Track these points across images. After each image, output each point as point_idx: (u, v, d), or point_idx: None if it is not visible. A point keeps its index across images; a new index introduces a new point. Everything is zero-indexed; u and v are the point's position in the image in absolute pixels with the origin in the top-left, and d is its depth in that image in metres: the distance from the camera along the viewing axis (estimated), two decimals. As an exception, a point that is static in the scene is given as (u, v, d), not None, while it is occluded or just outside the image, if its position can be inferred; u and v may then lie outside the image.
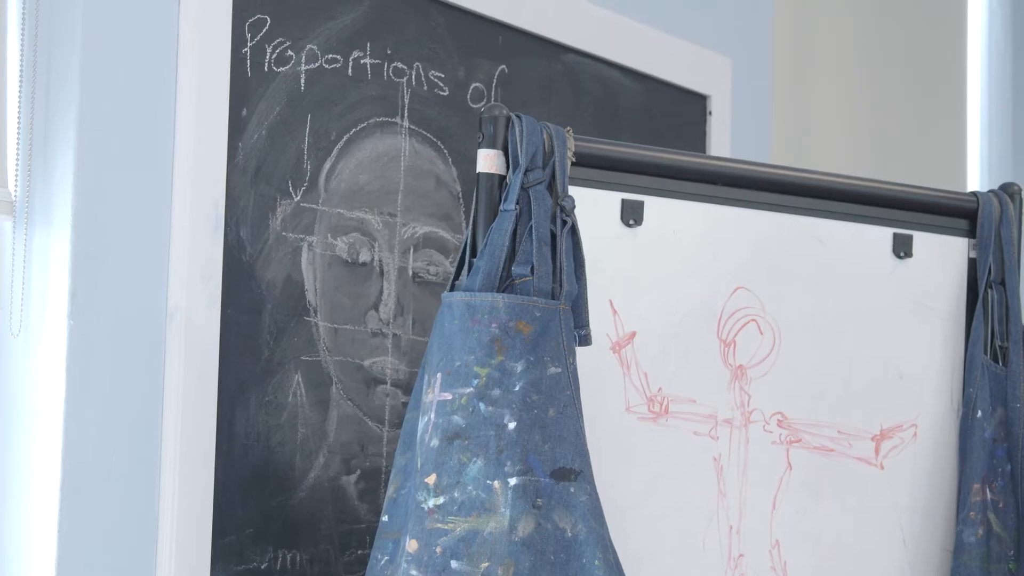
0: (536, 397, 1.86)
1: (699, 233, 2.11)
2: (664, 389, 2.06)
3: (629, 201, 2.06)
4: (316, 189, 2.21)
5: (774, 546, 2.11)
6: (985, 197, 2.29)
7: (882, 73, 3.83)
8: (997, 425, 2.22)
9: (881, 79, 3.83)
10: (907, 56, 3.94)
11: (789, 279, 2.16)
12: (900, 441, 2.21)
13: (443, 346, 1.88)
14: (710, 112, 2.90)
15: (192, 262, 2.05)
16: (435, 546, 1.83)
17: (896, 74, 3.88)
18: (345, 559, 2.20)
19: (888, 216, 2.23)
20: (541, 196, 1.92)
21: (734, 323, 2.12)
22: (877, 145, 3.80)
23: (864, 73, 3.77)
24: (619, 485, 1.99)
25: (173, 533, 2.01)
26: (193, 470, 2.04)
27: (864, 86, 3.77)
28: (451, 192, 2.38)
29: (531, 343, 1.87)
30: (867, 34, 3.81)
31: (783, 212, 2.17)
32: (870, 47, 3.80)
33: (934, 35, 4.09)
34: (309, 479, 2.18)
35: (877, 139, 3.80)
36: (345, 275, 2.24)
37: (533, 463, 1.85)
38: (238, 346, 2.10)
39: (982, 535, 2.19)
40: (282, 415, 2.15)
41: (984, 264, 2.26)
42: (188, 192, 2.05)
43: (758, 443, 2.11)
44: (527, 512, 1.84)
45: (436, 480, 1.84)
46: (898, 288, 2.23)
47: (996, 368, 2.24)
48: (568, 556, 1.84)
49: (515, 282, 1.90)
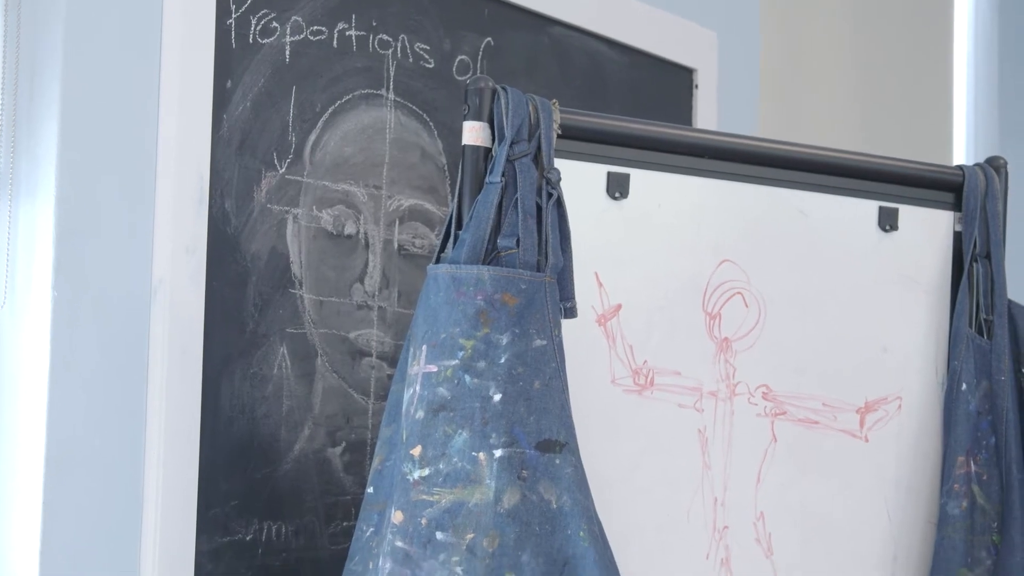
0: (521, 369, 1.86)
1: (685, 206, 2.11)
2: (649, 362, 2.06)
3: (615, 174, 2.06)
4: (301, 161, 2.20)
5: (758, 518, 2.12)
6: (971, 170, 2.29)
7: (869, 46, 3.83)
8: (981, 398, 2.23)
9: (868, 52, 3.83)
10: (894, 29, 3.94)
11: (775, 252, 2.16)
12: (885, 414, 2.22)
13: (428, 318, 1.88)
14: (696, 85, 2.90)
15: (177, 234, 2.04)
16: (420, 517, 1.83)
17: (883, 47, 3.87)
18: (330, 531, 2.21)
19: (874, 189, 2.24)
20: (527, 168, 1.92)
21: (719, 296, 2.12)
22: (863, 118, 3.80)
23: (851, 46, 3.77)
24: (604, 457, 1.99)
25: (158, 505, 2.01)
26: (178, 442, 2.04)
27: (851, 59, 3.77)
28: (437, 165, 2.38)
29: (516, 315, 1.87)
30: (854, 7, 3.80)
31: (769, 185, 2.17)
32: (857, 21, 3.80)
33: (921, 9, 4.09)
34: (294, 451, 2.18)
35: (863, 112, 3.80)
36: (330, 247, 2.24)
37: (518, 435, 1.85)
38: (223, 318, 2.10)
39: (966, 507, 2.20)
40: (267, 387, 2.15)
41: (969, 237, 2.26)
42: (172, 164, 2.05)
43: (743, 415, 2.12)
44: (512, 484, 1.84)
45: (421, 452, 1.84)
46: (883, 261, 2.23)
47: (981, 341, 2.24)
48: (553, 527, 1.85)
49: (500, 254, 1.89)
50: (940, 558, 2.18)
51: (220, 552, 2.09)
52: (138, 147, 2.03)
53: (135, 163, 2.03)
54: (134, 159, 2.03)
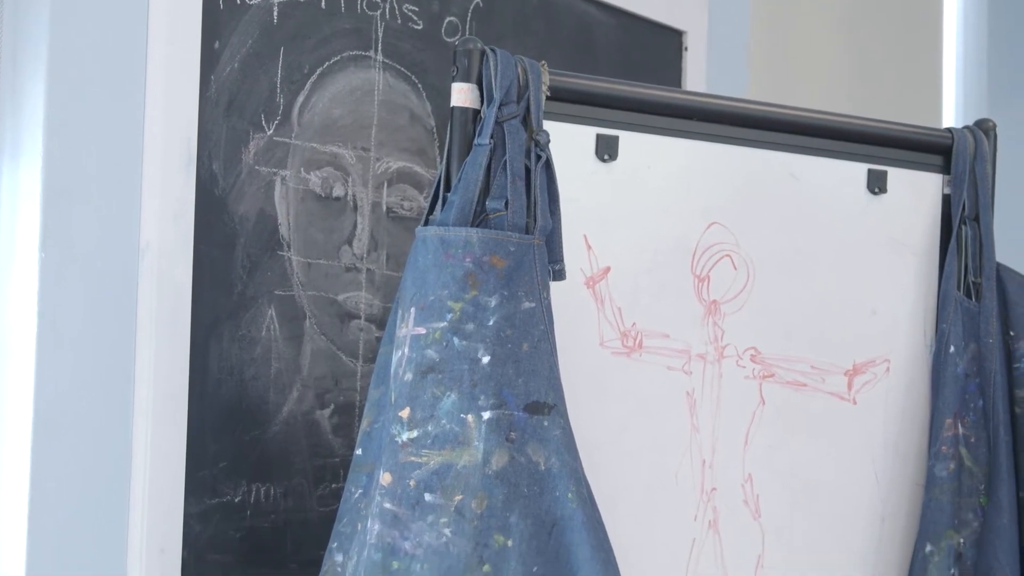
0: (510, 332, 1.86)
1: (674, 168, 2.10)
2: (638, 324, 2.06)
3: (604, 136, 2.06)
4: (289, 123, 2.20)
5: (746, 480, 2.12)
6: (960, 133, 2.29)
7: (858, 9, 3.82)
8: (969, 360, 2.23)
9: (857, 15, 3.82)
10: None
11: (763, 215, 2.16)
12: (873, 376, 2.22)
13: (417, 281, 1.88)
14: (686, 48, 2.89)
15: (164, 196, 2.04)
16: (409, 479, 1.83)
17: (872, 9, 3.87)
18: (319, 492, 2.21)
19: (863, 152, 2.23)
20: (515, 130, 1.92)
21: (708, 258, 2.12)
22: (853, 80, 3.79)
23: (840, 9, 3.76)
24: (592, 419, 2.00)
25: (147, 467, 2.01)
26: (166, 405, 2.04)
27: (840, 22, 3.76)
28: (425, 127, 2.37)
29: (505, 278, 1.87)
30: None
31: (758, 147, 2.16)
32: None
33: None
34: (283, 413, 2.18)
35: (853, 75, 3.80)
36: (318, 210, 2.23)
37: (507, 397, 1.85)
38: (211, 281, 2.10)
39: (953, 469, 2.20)
40: (255, 350, 2.15)
41: (958, 200, 2.26)
42: (160, 125, 2.04)
43: (731, 378, 2.12)
44: (500, 445, 1.84)
45: (410, 414, 1.85)
46: (872, 224, 2.23)
47: (969, 304, 2.24)
48: (541, 489, 1.85)
49: (489, 217, 1.89)
50: (927, 520, 2.19)
51: (209, 514, 2.09)
52: (125, 109, 2.02)
53: (122, 125, 2.02)
54: (121, 121, 2.02)
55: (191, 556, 2.07)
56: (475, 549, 1.82)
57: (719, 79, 2.98)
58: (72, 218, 1.96)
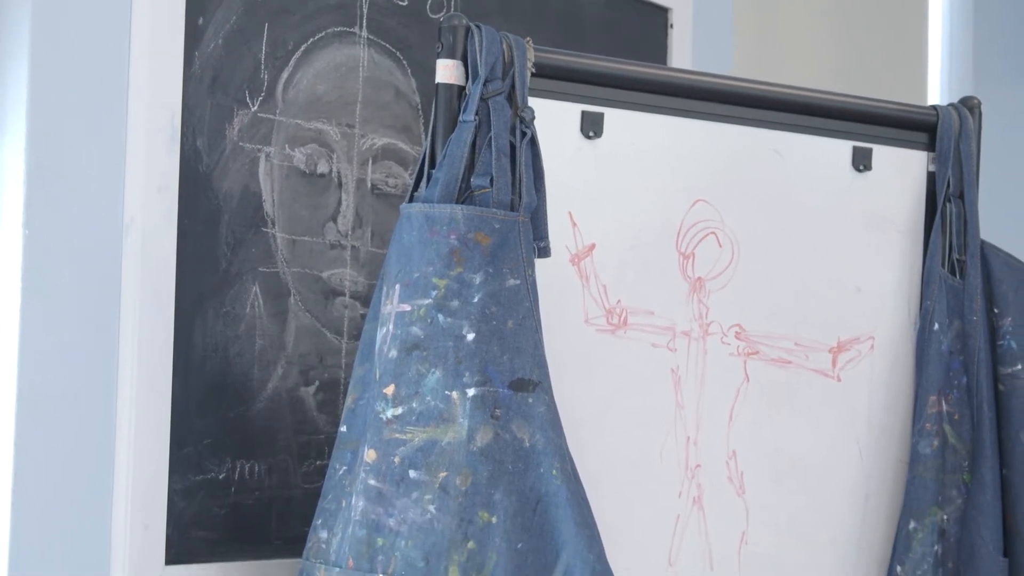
0: (495, 308, 1.86)
1: (659, 145, 2.10)
2: (623, 301, 2.07)
3: (589, 113, 2.06)
4: (273, 99, 2.19)
5: (731, 456, 2.13)
6: (945, 111, 2.29)
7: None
8: (954, 338, 2.24)
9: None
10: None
11: (748, 192, 2.16)
12: (857, 354, 2.22)
13: (401, 257, 1.88)
14: (671, 25, 2.89)
15: (148, 172, 2.03)
16: (393, 456, 1.83)
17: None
18: (303, 469, 2.21)
19: (848, 129, 2.24)
20: (500, 107, 1.92)
21: (693, 236, 2.12)
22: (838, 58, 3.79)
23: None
24: (577, 396, 2.00)
25: (131, 443, 2.01)
26: (150, 381, 2.03)
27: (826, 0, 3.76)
28: (410, 103, 2.37)
29: (490, 255, 1.87)
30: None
31: (743, 125, 2.16)
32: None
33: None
34: (267, 390, 2.18)
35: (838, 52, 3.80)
36: (303, 186, 2.23)
37: (491, 374, 1.85)
38: (195, 257, 2.09)
39: (937, 446, 2.21)
40: (240, 326, 2.15)
41: (943, 178, 2.26)
42: (144, 102, 2.03)
43: (716, 355, 2.12)
44: (485, 422, 1.84)
45: (394, 391, 1.85)
46: (857, 201, 2.23)
47: (953, 281, 2.25)
48: (526, 466, 1.85)
49: (474, 193, 1.89)
50: (911, 497, 2.20)
51: (193, 490, 2.09)
52: (109, 85, 2.02)
53: (106, 101, 2.01)
54: (105, 97, 2.01)
55: (175, 533, 2.07)
56: (459, 526, 1.82)
57: (704, 57, 2.97)
58: (56, 195, 1.96)
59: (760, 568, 2.14)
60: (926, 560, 2.20)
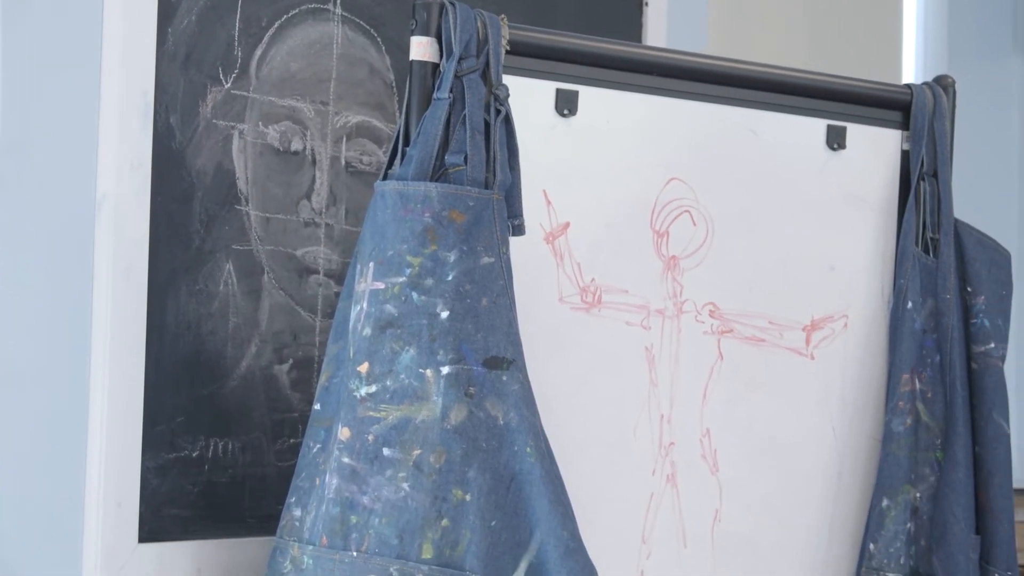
0: (469, 287, 1.86)
1: (634, 123, 2.10)
2: (597, 279, 2.06)
3: (563, 91, 2.05)
4: (247, 76, 2.18)
5: (704, 435, 2.13)
6: (919, 89, 2.29)
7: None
8: (927, 316, 2.24)
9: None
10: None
11: (723, 170, 2.16)
12: (831, 332, 2.23)
13: (376, 235, 1.88)
14: (646, 3, 2.88)
15: (121, 149, 2.03)
16: (367, 434, 1.83)
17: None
18: (277, 447, 2.21)
19: (822, 108, 2.24)
20: (475, 85, 1.91)
21: (667, 214, 2.12)
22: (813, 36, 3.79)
23: (801, -35, 3.76)
24: (551, 374, 2.00)
25: (103, 421, 2.00)
26: (123, 359, 2.03)
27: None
28: (384, 81, 2.36)
29: (464, 233, 1.87)
30: (804, -75, 3.78)
31: (718, 103, 2.16)
32: (807, -61, 3.78)
33: (871, -73, 4.08)
34: (241, 368, 2.17)
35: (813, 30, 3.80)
36: (277, 164, 2.22)
37: (465, 352, 1.85)
38: (168, 234, 2.09)
39: (910, 424, 2.22)
40: (213, 304, 2.14)
41: (917, 156, 2.27)
42: (116, 78, 2.02)
43: (690, 333, 2.12)
44: (459, 400, 1.84)
45: (368, 369, 1.84)
46: (831, 180, 2.23)
47: (927, 260, 2.25)
48: (500, 444, 1.85)
49: (448, 171, 1.89)
50: (884, 474, 2.21)
51: (166, 468, 2.08)
52: (82, 61, 2.01)
53: (79, 77, 2.01)
54: (78, 73, 2.01)
55: (148, 511, 2.06)
56: (433, 503, 1.82)
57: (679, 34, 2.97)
58: (29, 171, 1.95)
59: (733, 546, 2.15)
60: (899, 537, 2.21)
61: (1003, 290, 2.29)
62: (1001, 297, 2.28)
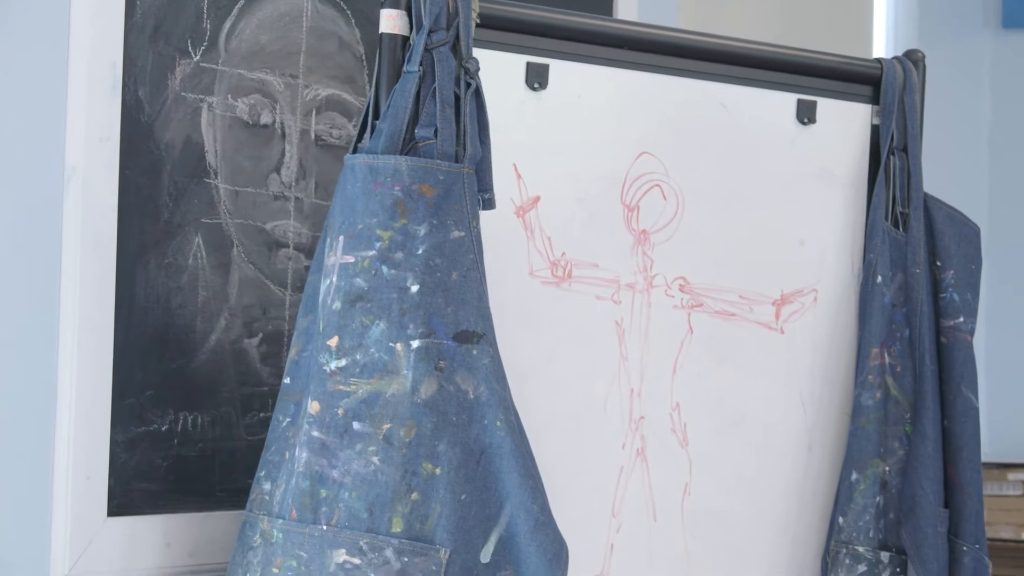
0: (439, 260, 1.86)
1: (604, 97, 2.10)
2: (568, 254, 2.06)
3: (534, 64, 2.05)
4: (216, 49, 2.17)
5: (674, 408, 2.13)
6: (889, 64, 2.29)
7: (790, -61, 3.81)
8: (896, 290, 2.25)
9: (789, -54, 3.82)
10: (815, -78, 3.92)
11: (693, 145, 2.16)
12: (801, 306, 2.23)
13: (345, 209, 1.87)
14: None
15: (89, 122, 2.02)
16: (337, 408, 1.83)
17: (804, -59, 3.86)
18: (247, 421, 2.20)
19: (792, 82, 2.24)
20: (445, 58, 1.90)
21: (638, 188, 2.12)
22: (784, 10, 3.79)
23: (772, -61, 3.76)
24: (522, 349, 2.00)
25: (72, 395, 2.00)
26: (92, 332, 2.02)
27: (772, -48, 3.76)
28: (354, 54, 2.35)
29: (434, 206, 1.86)
30: (775, -101, 3.79)
31: (688, 77, 2.16)
32: (778, -87, 3.79)
33: (842, -98, 4.08)
34: (210, 342, 2.17)
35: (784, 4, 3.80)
36: (246, 137, 2.21)
37: (436, 326, 1.85)
38: (137, 208, 2.08)
39: (880, 398, 2.22)
40: (182, 278, 2.13)
41: (887, 131, 2.27)
42: (85, 50, 2.01)
43: (660, 307, 2.12)
44: (429, 374, 1.84)
45: (338, 342, 1.84)
46: (801, 154, 2.24)
47: (896, 234, 2.26)
48: (470, 417, 1.85)
49: (418, 145, 1.88)
50: (853, 448, 2.21)
51: (135, 442, 2.08)
52: (50, 33, 2.00)
53: (47, 49, 1.99)
54: (46, 45, 1.99)
55: (117, 484, 2.06)
56: (403, 477, 1.82)
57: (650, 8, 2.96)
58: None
59: (703, 519, 2.15)
60: (868, 511, 2.22)
61: (972, 264, 2.30)
62: (970, 271, 2.29)
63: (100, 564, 2.04)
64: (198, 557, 2.14)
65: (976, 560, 2.25)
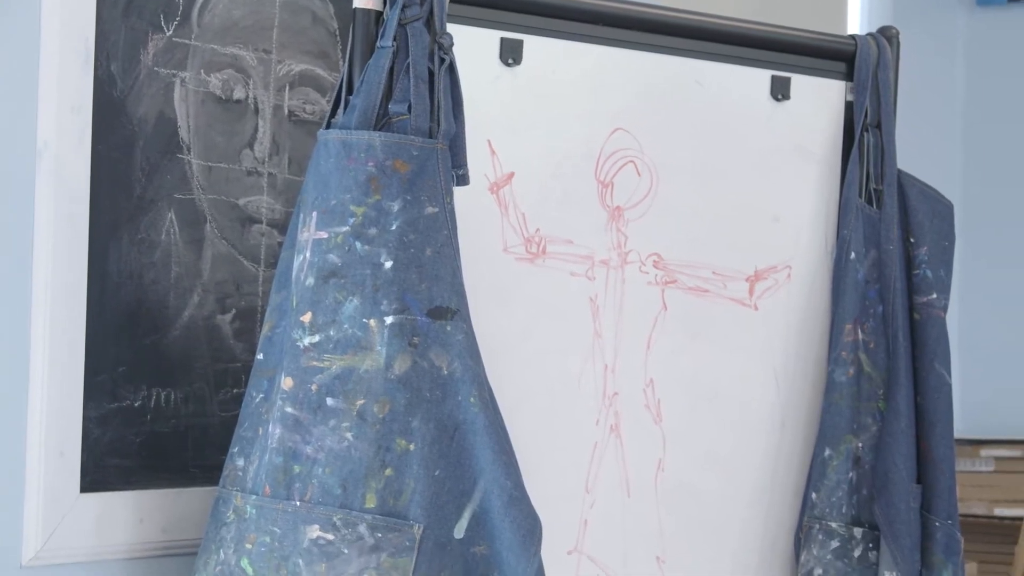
0: (413, 236, 1.86)
1: (578, 73, 2.09)
2: (542, 230, 2.06)
3: (508, 40, 2.04)
4: (189, 23, 2.16)
5: (648, 384, 2.14)
6: (863, 40, 2.29)
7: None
8: (870, 267, 2.25)
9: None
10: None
11: (668, 121, 2.16)
12: (774, 282, 2.24)
13: (319, 184, 1.87)
14: (592, -48, 2.87)
15: (61, 97, 2.01)
16: (311, 384, 1.83)
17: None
18: (220, 397, 2.20)
19: (767, 58, 2.24)
20: (419, 33, 1.90)
21: (612, 164, 2.12)
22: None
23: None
24: (496, 325, 2.00)
25: (45, 371, 1.99)
26: (64, 308, 2.01)
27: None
28: (328, 29, 2.34)
29: (408, 182, 1.86)
30: None
31: (662, 53, 2.16)
32: None
33: None
34: (183, 318, 2.16)
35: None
36: (219, 112, 2.20)
37: (409, 302, 1.85)
38: (109, 183, 2.07)
39: (853, 374, 2.23)
40: (155, 253, 2.13)
41: (861, 107, 2.27)
42: (57, 25, 2.00)
43: (634, 284, 2.12)
44: (403, 350, 1.84)
45: (311, 318, 1.84)
46: (775, 130, 2.24)
47: (870, 211, 2.26)
48: (444, 393, 1.85)
49: (392, 120, 1.88)
50: (827, 424, 2.22)
51: (108, 418, 2.07)
52: (22, 5, 1.98)
53: (18, 23, 1.98)
54: (17, 19, 1.98)
55: (90, 460, 2.05)
56: (377, 453, 1.82)
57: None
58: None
59: (676, 495, 2.16)
60: (841, 487, 2.22)
61: (945, 241, 2.30)
62: (943, 248, 2.30)
63: (73, 540, 2.03)
64: (171, 533, 2.14)
65: (948, 535, 2.26)
